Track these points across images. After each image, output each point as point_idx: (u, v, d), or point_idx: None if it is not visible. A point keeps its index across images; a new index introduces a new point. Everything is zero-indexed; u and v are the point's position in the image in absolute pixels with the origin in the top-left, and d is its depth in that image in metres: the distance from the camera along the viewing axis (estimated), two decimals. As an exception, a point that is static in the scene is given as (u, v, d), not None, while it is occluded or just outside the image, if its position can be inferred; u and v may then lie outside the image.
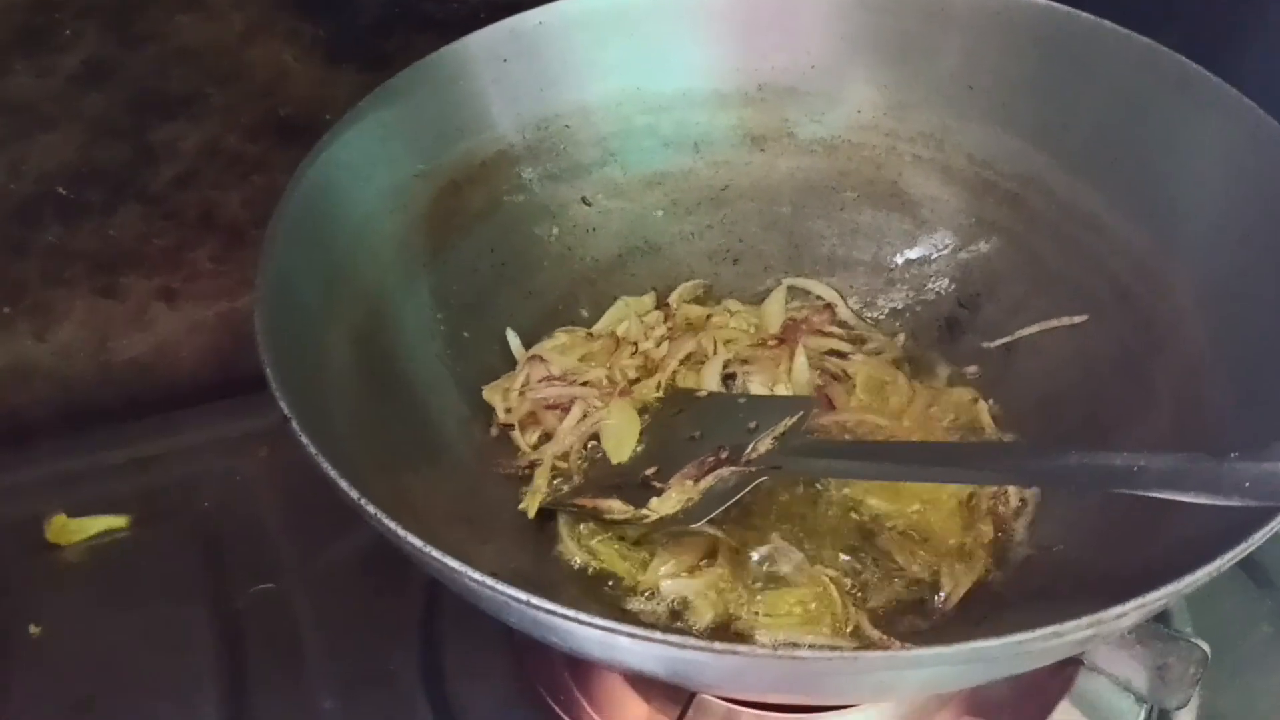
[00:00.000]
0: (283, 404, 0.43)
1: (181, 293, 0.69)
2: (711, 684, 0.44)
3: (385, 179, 0.55)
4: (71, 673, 0.55)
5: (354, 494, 0.40)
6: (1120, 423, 0.51)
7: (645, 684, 0.52)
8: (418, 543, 0.39)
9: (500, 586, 0.37)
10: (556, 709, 0.52)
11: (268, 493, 0.64)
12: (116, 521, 0.62)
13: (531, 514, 0.54)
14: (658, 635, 0.36)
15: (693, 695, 0.50)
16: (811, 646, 0.45)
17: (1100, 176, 0.55)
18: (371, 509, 0.40)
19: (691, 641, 0.35)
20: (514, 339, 0.59)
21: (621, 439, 0.56)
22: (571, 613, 0.37)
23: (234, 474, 0.65)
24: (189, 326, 0.69)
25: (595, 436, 0.56)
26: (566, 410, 0.57)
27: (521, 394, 0.58)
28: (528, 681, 0.53)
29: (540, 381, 0.58)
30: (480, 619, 0.55)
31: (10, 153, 0.62)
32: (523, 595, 0.37)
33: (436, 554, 0.38)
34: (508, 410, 0.57)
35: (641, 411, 0.57)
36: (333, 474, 0.41)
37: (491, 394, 0.57)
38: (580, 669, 0.53)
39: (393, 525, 0.39)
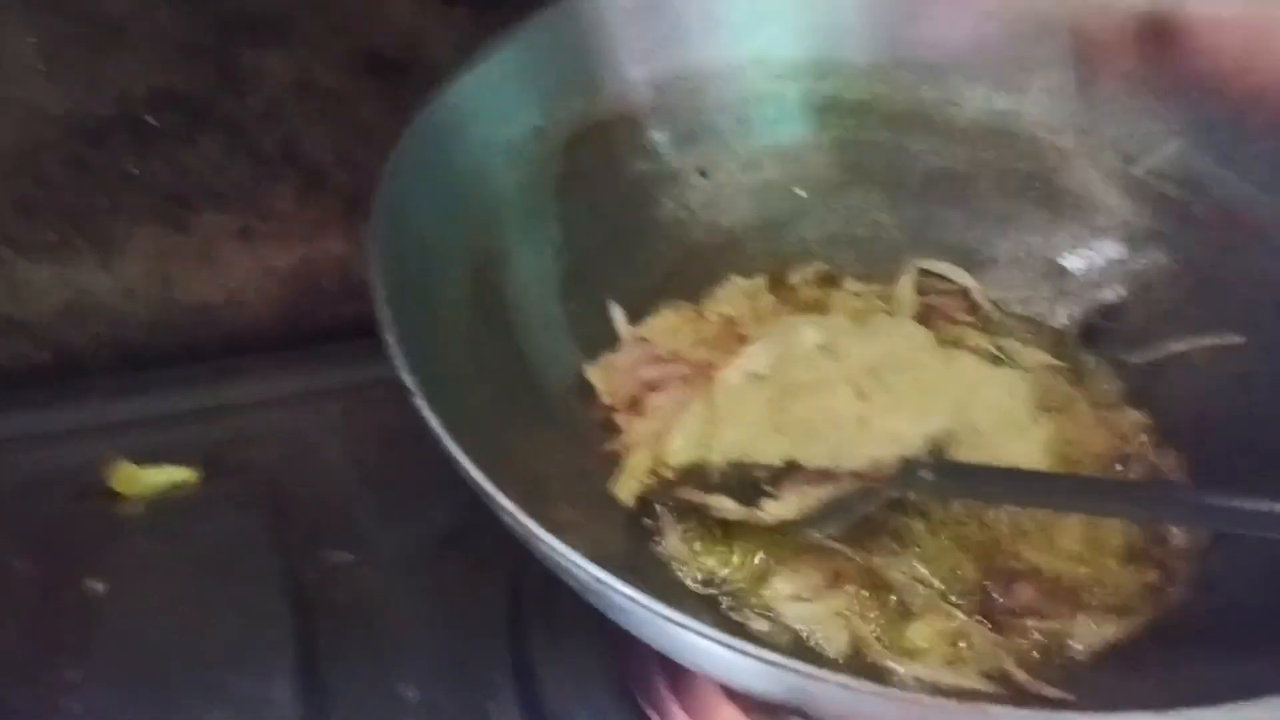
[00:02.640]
0: (407, 379, 0.39)
1: (256, 233, 0.65)
2: (842, 715, 0.41)
3: (501, 132, 0.51)
4: (136, 636, 0.52)
5: (487, 484, 0.37)
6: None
7: (744, 696, 0.49)
8: (557, 544, 0.35)
9: (643, 599, 0.34)
10: (650, 712, 0.49)
11: (340, 456, 0.61)
12: (184, 474, 0.58)
13: (624, 498, 0.50)
14: (824, 673, 0.32)
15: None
16: (956, 688, 0.42)
17: (1265, 183, 0.51)
18: (508, 504, 0.36)
19: (869, 686, 0.31)
20: (618, 314, 0.55)
21: (690, 434, 0.51)
22: (714, 633, 0.34)
23: (303, 432, 0.62)
24: (262, 270, 0.66)
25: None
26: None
27: (624, 375, 0.54)
28: (621, 682, 0.50)
29: (643, 362, 0.55)
30: (570, 612, 0.53)
31: (86, 70, 0.58)
32: (666, 611, 0.34)
33: (578, 558, 0.35)
34: (609, 392, 0.54)
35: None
36: (464, 461, 0.37)
37: (595, 373, 0.54)
38: (676, 674, 0.50)
39: (529, 522, 0.36)
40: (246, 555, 0.55)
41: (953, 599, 0.47)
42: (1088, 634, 0.45)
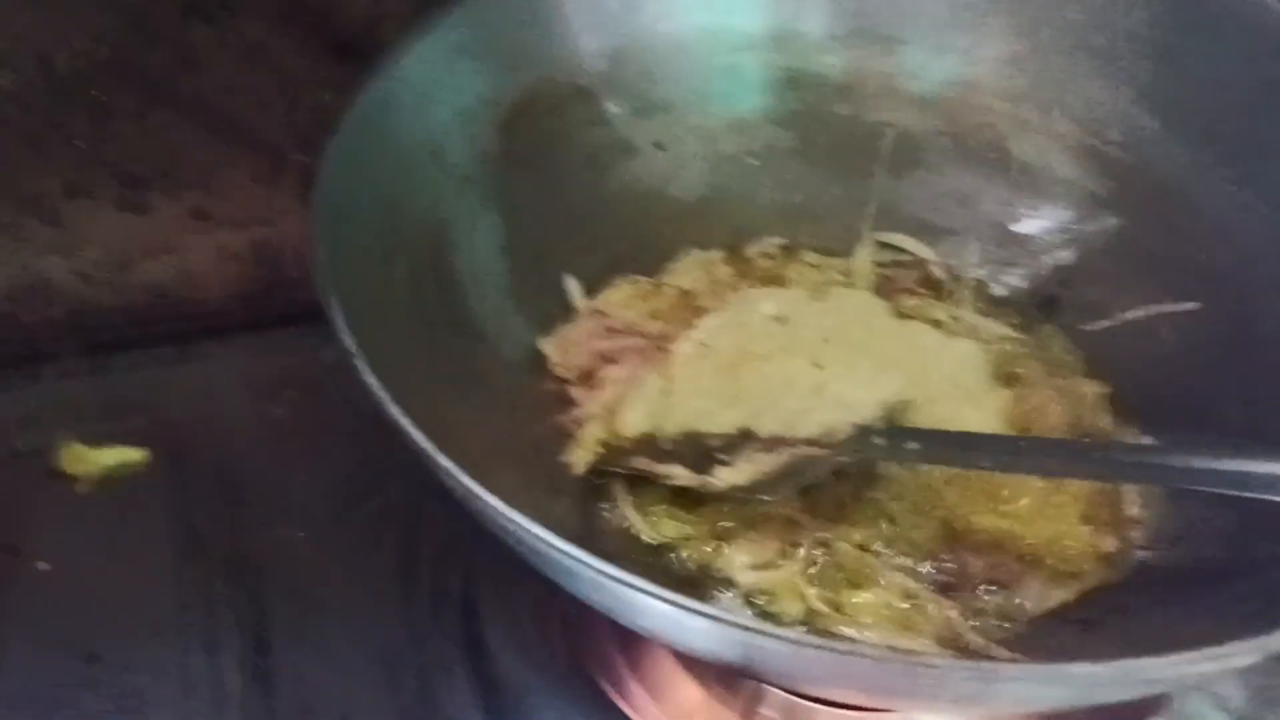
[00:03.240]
0: (347, 342, 0.38)
1: (213, 215, 0.64)
2: (795, 680, 0.40)
3: (451, 102, 0.51)
4: (80, 615, 0.51)
5: (426, 444, 0.36)
6: (1240, 416, 0.47)
7: (702, 669, 0.49)
8: (499, 505, 0.35)
9: (593, 562, 0.34)
10: (606, 687, 0.48)
11: (293, 438, 0.60)
12: (134, 455, 0.57)
13: (578, 469, 0.50)
14: (774, 630, 0.32)
15: (757, 686, 0.47)
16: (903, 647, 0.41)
17: (1225, 154, 0.51)
18: (446, 463, 0.35)
19: (816, 641, 0.31)
20: (573, 286, 0.55)
21: (644, 406, 0.51)
22: (664, 593, 0.33)
23: (258, 415, 0.61)
24: (219, 252, 0.64)
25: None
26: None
27: (578, 346, 0.54)
28: (575, 658, 0.49)
29: (598, 334, 0.54)
30: (523, 588, 0.52)
31: (37, 44, 0.57)
32: (617, 572, 0.33)
33: (521, 519, 0.34)
34: (563, 364, 0.53)
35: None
36: (404, 422, 0.36)
37: (548, 345, 0.53)
38: (631, 649, 0.50)
39: (471, 484, 0.35)
40: (196, 534, 0.54)
41: (907, 566, 0.46)
42: (1040, 598, 0.44)
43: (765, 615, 0.45)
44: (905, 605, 0.44)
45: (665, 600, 0.33)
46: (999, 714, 0.44)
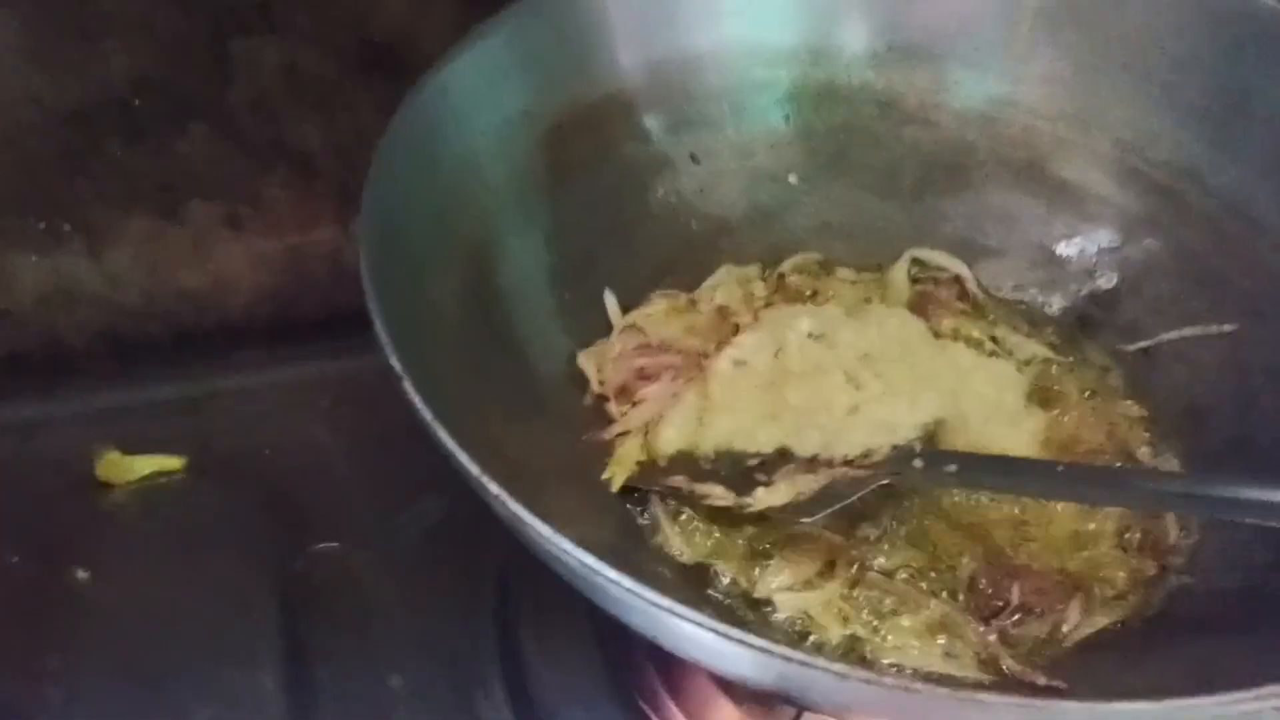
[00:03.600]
0: (395, 362, 0.38)
1: (247, 223, 0.64)
2: (837, 708, 0.40)
3: (492, 118, 0.51)
4: (121, 626, 0.51)
5: (475, 470, 0.36)
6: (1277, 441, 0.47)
7: (739, 690, 0.49)
8: (544, 529, 0.35)
9: (633, 586, 0.34)
10: (642, 704, 0.49)
11: (329, 447, 0.60)
12: (171, 463, 0.58)
13: (615, 487, 0.50)
14: (814, 660, 0.32)
15: (799, 714, 0.47)
16: (948, 676, 0.41)
17: (1267, 171, 0.51)
18: (494, 489, 0.36)
19: (860, 673, 0.31)
20: (611, 302, 0.55)
21: (681, 425, 0.51)
22: (705, 619, 0.33)
23: (293, 423, 0.61)
24: (252, 261, 0.65)
25: (693, 413, 0.52)
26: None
27: (615, 362, 0.54)
28: (611, 674, 0.50)
29: (635, 350, 0.54)
30: (559, 602, 0.52)
31: (76, 55, 0.57)
32: (656, 598, 0.34)
33: (569, 546, 0.34)
34: (601, 381, 0.53)
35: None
36: (452, 446, 0.36)
37: (586, 361, 0.53)
38: (668, 667, 0.50)
39: (519, 509, 0.35)
40: (233, 544, 0.55)
41: (946, 590, 0.46)
42: (1080, 624, 0.44)
43: (803, 637, 0.45)
44: (944, 632, 0.44)
45: (708, 629, 0.33)
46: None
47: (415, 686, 0.50)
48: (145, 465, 0.58)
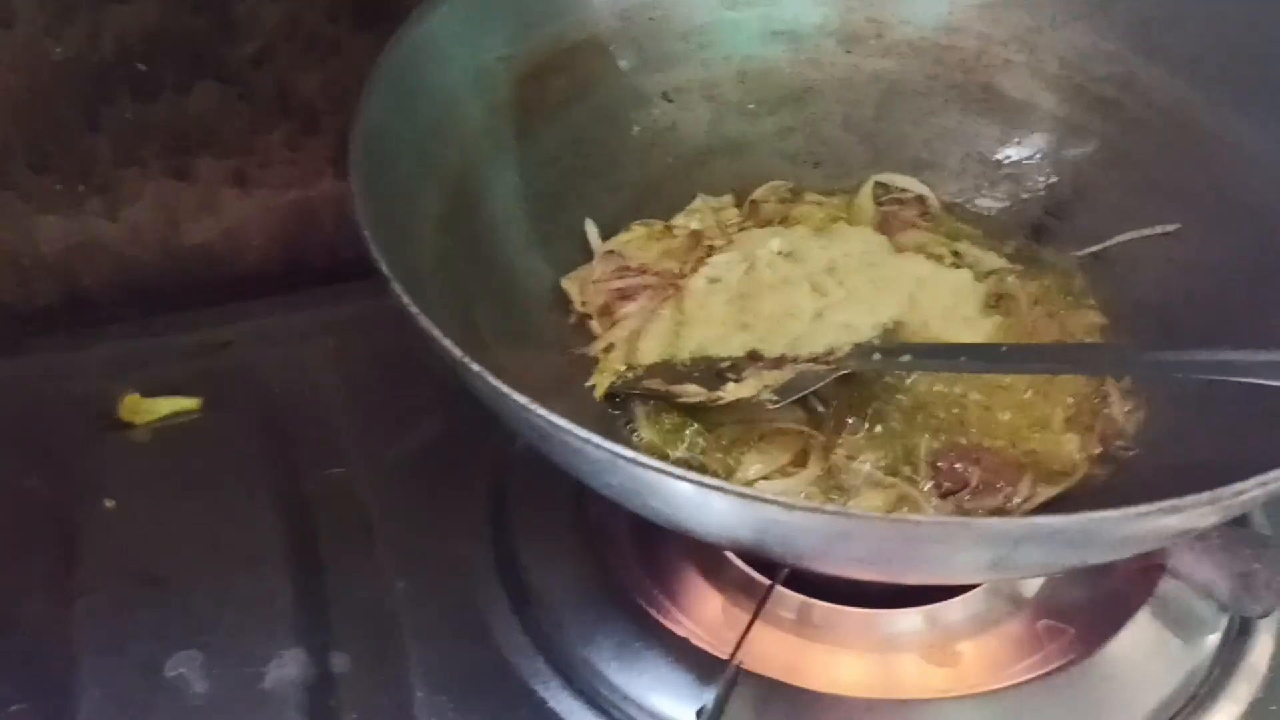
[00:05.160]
0: (382, 265, 0.42)
1: (254, 178, 0.68)
2: (805, 554, 0.43)
3: (472, 58, 0.55)
4: (146, 545, 0.55)
5: (456, 352, 0.39)
6: (1228, 330, 0.50)
7: (720, 576, 0.52)
8: (522, 400, 0.38)
9: (617, 449, 0.37)
10: (631, 594, 0.52)
11: (335, 384, 0.64)
12: (188, 403, 0.62)
13: (599, 394, 0.53)
14: (796, 502, 0.35)
15: (770, 587, 0.50)
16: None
17: (1203, 76, 0.54)
18: (475, 367, 0.39)
19: (836, 509, 0.34)
20: (592, 230, 0.59)
21: (659, 336, 0.54)
22: (687, 474, 0.36)
23: (301, 364, 0.65)
24: (260, 213, 0.69)
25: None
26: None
27: (596, 285, 0.57)
28: (602, 569, 0.53)
29: (614, 273, 0.58)
30: (550, 508, 0.56)
31: (86, 20, 0.61)
32: (639, 457, 0.37)
33: (541, 411, 0.38)
34: (583, 301, 0.57)
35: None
36: (434, 332, 0.40)
37: (570, 284, 0.57)
38: (654, 561, 0.53)
39: (495, 383, 0.39)
40: (247, 473, 0.59)
41: (907, 475, 0.50)
42: (1030, 495, 0.48)
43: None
44: (904, 505, 0.47)
45: (685, 480, 0.36)
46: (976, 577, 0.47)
47: (420, 589, 0.54)
48: (164, 406, 0.62)
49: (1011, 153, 0.60)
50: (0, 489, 0.58)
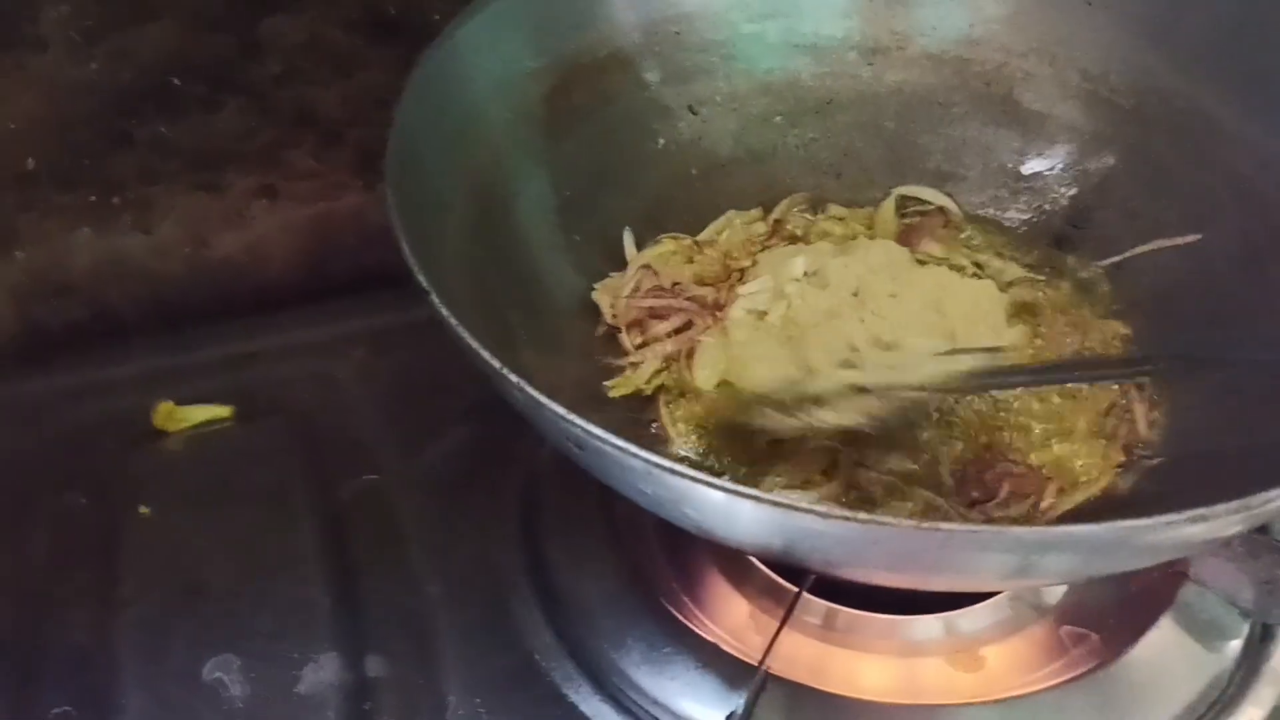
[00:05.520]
0: (421, 278, 0.43)
1: (280, 192, 0.69)
2: (835, 561, 0.44)
3: (501, 72, 0.56)
4: (182, 553, 0.56)
5: (495, 363, 0.40)
6: (1244, 323, 0.50)
7: (748, 582, 0.53)
8: (559, 410, 0.39)
9: (647, 455, 0.38)
10: (661, 600, 0.53)
11: (364, 393, 0.65)
12: (221, 411, 0.63)
13: (614, 393, 0.54)
14: (823, 508, 0.36)
15: (798, 594, 0.51)
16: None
17: (1220, 77, 0.55)
18: (513, 378, 0.40)
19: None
20: (629, 240, 0.59)
21: (714, 365, 0.55)
22: (714, 480, 0.37)
23: (330, 374, 0.66)
24: (285, 227, 0.70)
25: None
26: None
27: (630, 299, 0.58)
28: (632, 575, 0.54)
29: (649, 290, 0.58)
30: (581, 514, 0.57)
31: (115, 41, 0.62)
32: (668, 463, 0.37)
33: (579, 421, 0.39)
34: (614, 314, 0.57)
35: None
36: (473, 344, 0.41)
37: (601, 295, 0.58)
38: (683, 567, 0.54)
39: (533, 393, 0.39)
40: (280, 481, 0.60)
41: (935, 485, 0.50)
42: (1055, 505, 0.49)
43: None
44: (931, 514, 0.48)
45: (713, 487, 0.37)
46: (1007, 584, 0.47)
47: (452, 592, 0.54)
48: (197, 414, 0.63)
49: (1033, 164, 0.60)
50: (41, 501, 0.59)
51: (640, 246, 0.59)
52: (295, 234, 0.70)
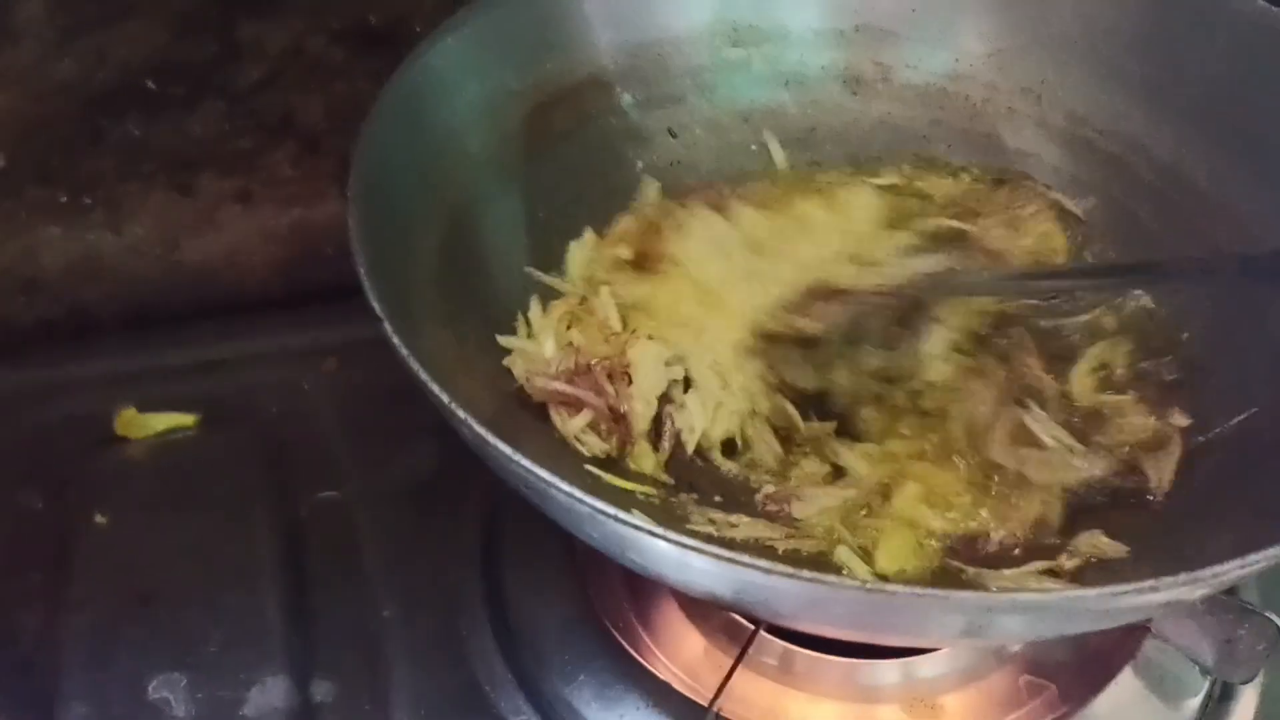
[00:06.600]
0: (376, 305, 0.42)
1: (256, 197, 0.68)
2: (782, 614, 0.43)
3: (476, 92, 0.55)
4: (136, 563, 0.55)
5: (445, 398, 0.40)
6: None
7: (705, 618, 0.52)
8: (508, 451, 0.38)
9: (588, 499, 0.37)
10: (616, 635, 0.52)
11: (332, 405, 0.64)
12: (184, 419, 0.62)
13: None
14: (773, 566, 0.35)
15: (754, 633, 0.50)
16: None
17: (1207, 140, 0.54)
18: (462, 414, 0.39)
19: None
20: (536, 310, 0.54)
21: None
22: (667, 532, 0.36)
23: (299, 384, 0.65)
24: (261, 233, 0.69)
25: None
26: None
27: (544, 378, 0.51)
28: (588, 607, 0.53)
29: (564, 374, 0.52)
30: (541, 541, 0.56)
31: (94, 40, 0.61)
32: (608, 509, 0.37)
33: (525, 462, 0.38)
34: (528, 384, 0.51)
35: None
36: (424, 378, 0.40)
37: (514, 363, 0.52)
38: (640, 600, 0.53)
39: (480, 429, 0.39)
40: (240, 492, 0.59)
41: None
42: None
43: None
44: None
45: (664, 539, 0.37)
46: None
47: (406, 616, 0.54)
48: (160, 422, 0.62)
49: (1014, 202, 0.60)
50: (-4, 501, 0.58)
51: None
52: (270, 240, 0.70)
